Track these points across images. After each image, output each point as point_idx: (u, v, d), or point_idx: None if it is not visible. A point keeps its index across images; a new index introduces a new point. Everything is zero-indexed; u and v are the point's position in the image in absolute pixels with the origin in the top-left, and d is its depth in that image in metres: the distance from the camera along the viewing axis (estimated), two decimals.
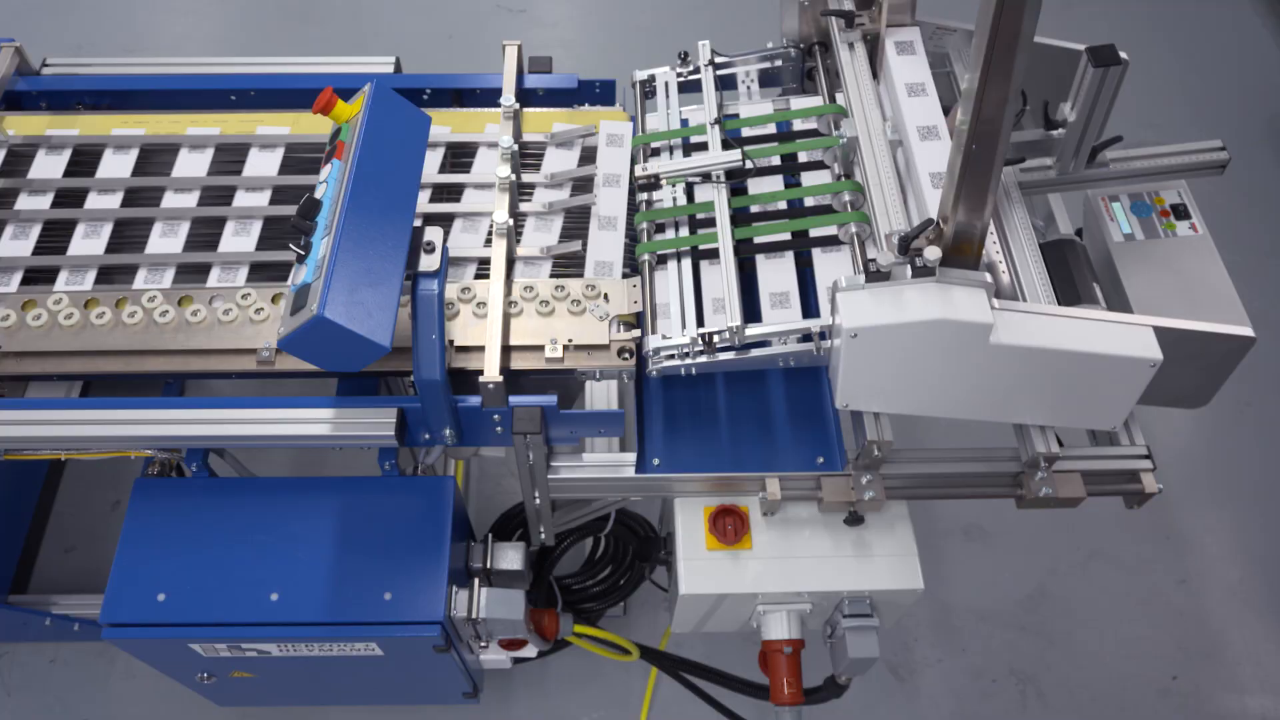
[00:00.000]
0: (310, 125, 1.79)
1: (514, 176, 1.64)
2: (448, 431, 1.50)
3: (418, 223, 1.36)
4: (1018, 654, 2.40)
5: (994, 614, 2.45)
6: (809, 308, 1.58)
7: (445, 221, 1.67)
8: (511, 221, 1.59)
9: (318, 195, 1.29)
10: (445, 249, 1.36)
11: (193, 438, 1.49)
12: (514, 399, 1.47)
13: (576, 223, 1.70)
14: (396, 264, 1.28)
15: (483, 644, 1.66)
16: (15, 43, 1.85)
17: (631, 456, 1.62)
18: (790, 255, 1.58)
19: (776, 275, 1.56)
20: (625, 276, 1.63)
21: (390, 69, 1.92)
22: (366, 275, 1.23)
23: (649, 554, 1.76)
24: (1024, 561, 2.52)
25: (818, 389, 1.67)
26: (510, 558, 1.66)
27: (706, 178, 1.65)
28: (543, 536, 1.77)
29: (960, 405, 1.52)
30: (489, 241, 1.63)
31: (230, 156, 1.76)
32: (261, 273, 1.63)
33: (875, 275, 1.37)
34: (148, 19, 3.64)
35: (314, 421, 1.48)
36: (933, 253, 1.35)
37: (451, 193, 1.74)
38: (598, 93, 1.90)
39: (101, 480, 2.62)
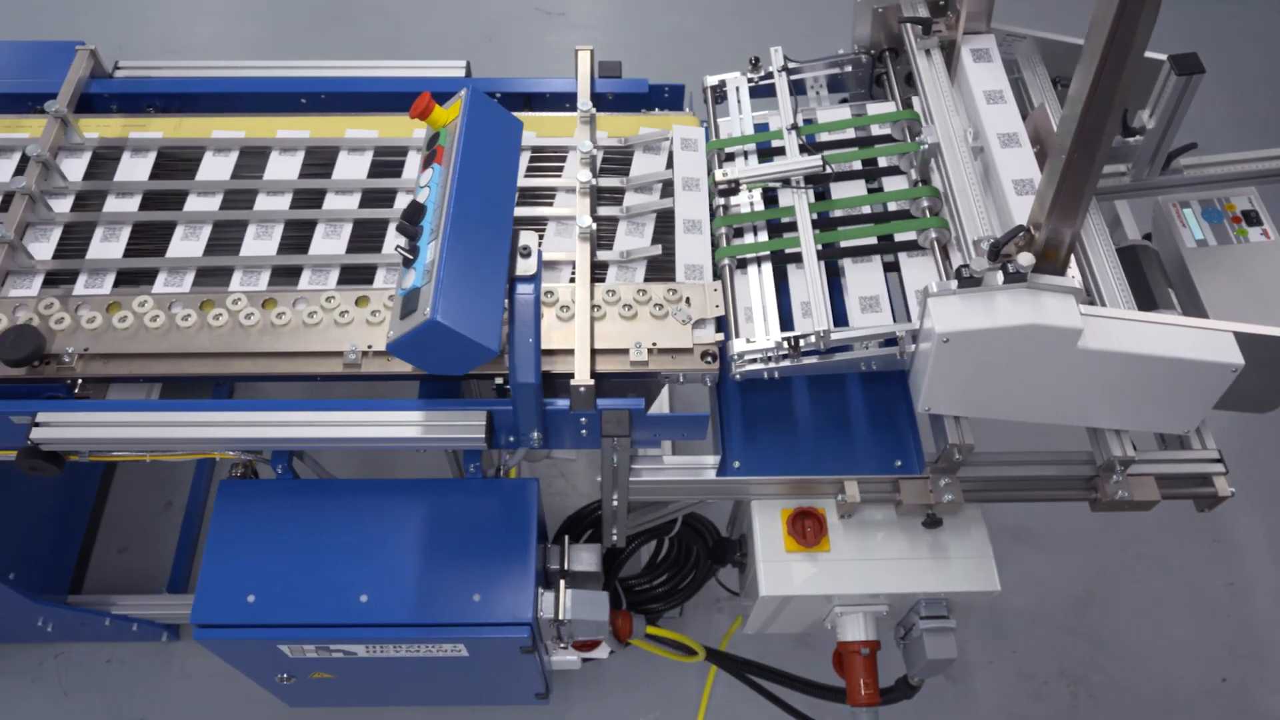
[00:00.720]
0: (391, 129, 1.80)
1: (595, 180, 1.66)
2: (535, 434, 1.51)
3: None
4: (1068, 656, 2.42)
5: (1043, 616, 2.46)
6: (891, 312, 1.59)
7: (529, 226, 1.68)
8: (594, 225, 1.60)
9: (420, 199, 1.30)
10: (540, 253, 1.38)
11: (285, 440, 1.50)
12: (601, 402, 1.48)
13: (660, 227, 1.71)
14: (500, 269, 1.29)
15: (562, 645, 1.67)
16: (90, 45, 1.86)
17: (712, 459, 1.64)
18: (877, 260, 1.60)
19: (865, 279, 1.58)
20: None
21: (461, 73, 1.93)
22: (474, 280, 1.24)
23: (724, 556, 1.77)
24: (1072, 564, 2.53)
25: (891, 393, 1.68)
26: (587, 559, 1.68)
27: (785, 183, 1.66)
28: (614, 538, 1.79)
29: (1041, 409, 1.53)
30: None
31: (317, 159, 1.76)
32: (348, 275, 1.64)
33: (967, 281, 1.38)
34: (181, 21, 3.64)
35: (404, 424, 1.49)
36: (1026, 259, 1.36)
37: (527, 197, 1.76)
38: (666, 97, 1.91)
39: (152, 482, 2.63)
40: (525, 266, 1.35)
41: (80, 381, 1.56)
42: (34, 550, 2.21)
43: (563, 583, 1.56)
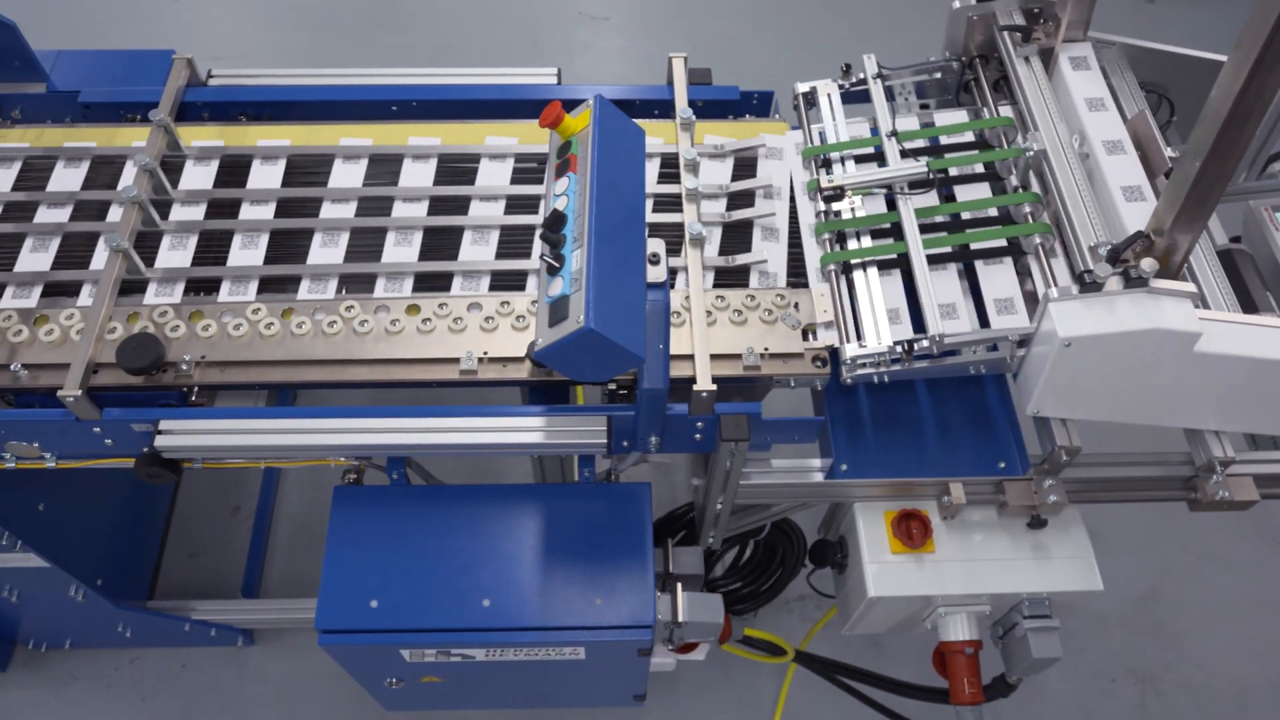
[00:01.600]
0: (463, 136, 1.82)
1: (699, 186, 1.67)
2: (654, 439, 1.53)
3: None
4: (1136, 654, 2.44)
5: (1109, 614, 2.49)
6: (985, 316, 1.60)
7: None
8: (705, 231, 1.62)
9: (559, 207, 1.32)
10: (668, 260, 1.39)
11: (411, 446, 1.51)
12: (719, 406, 1.50)
13: (738, 233, 1.73)
14: (638, 276, 1.31)
15: (670, 646, 1.69)
16: (187, 55, 1.87)
17: (818, 462, 1.66)
18: (1009, 261, 1.61)
19: (947, 286, 1.59)
20: (792, 286, 1.66)
21: (553, 80, 1.95)
22: (619, 287, 1.26)
23: (824, 558, 1.79)
24: (1135, 563, 2.56)
25: (987, 395, 1.70)
26: (691, 561, 1.69)
27: (888, 188, 1.68)
28: (711, 541, 1.81)
29: (1149, 411, 1.56)
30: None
31: (447, 166, 1.78)
32: (425, 283, 1.65)
33: (1089, 286, 1.40)
34: (233, 28, 3.66)
35: (526, 430, 1.51)
36: (1149, 264, 1.38)
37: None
38: (755, 104, 1.93)
39: (219, 487, 2.64)
40: (655, 274, 1.36)
41: (196, 389, 1.57)
42: (116, 557, 2.22)
43: (679, 585, 1.58)
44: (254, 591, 2.47)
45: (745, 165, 1.81)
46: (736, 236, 1.72)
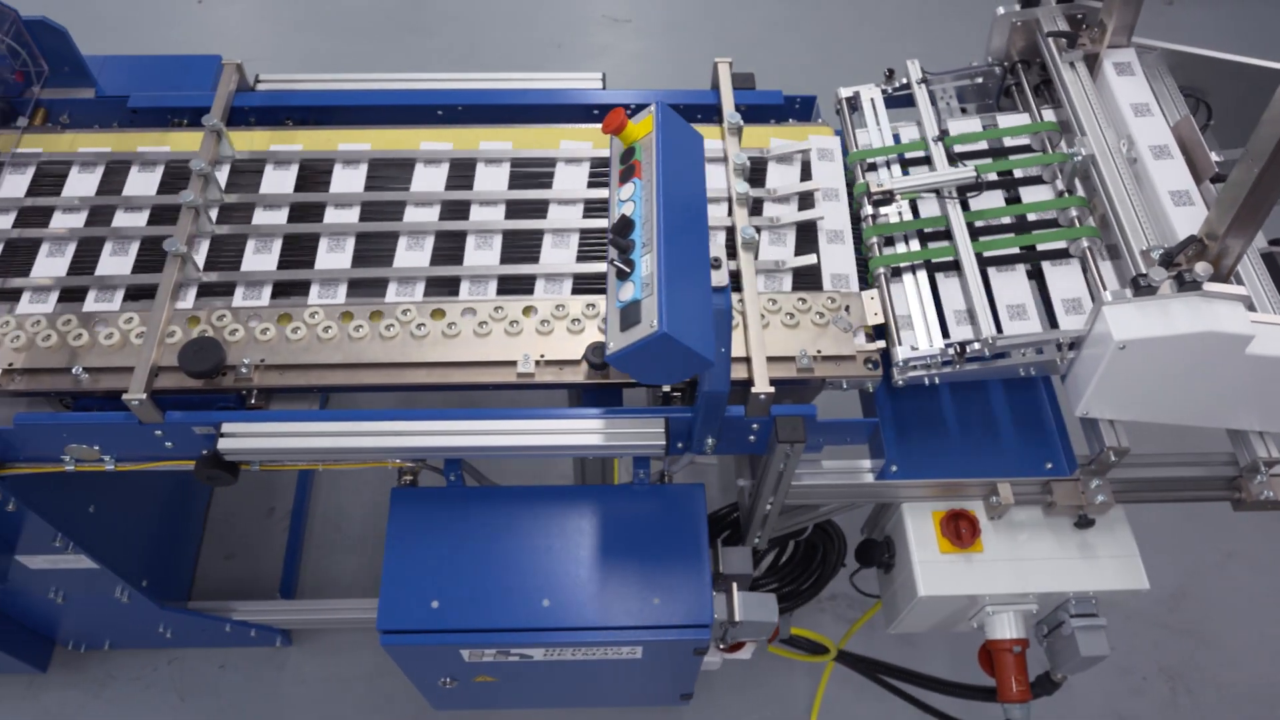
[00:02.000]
0: (531, 140, 1.83)
1: (749, 190, 1.69)
2: (710, 441, 1.54)
3: None
4: (1165, 652, 2.47)
5: (1138, 612, 2.51)
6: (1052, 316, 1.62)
7: None
8: (757, 234, 1.64)
9: (626, 213, 1.34)
10: (728, 265, 1.41)
11: (470, 448, 1.53)
12: (774, 408, 1.52)
13: (801, 236, 1.75)
14: (705, 281, 1.32)
15: (721, 646, 1.71)
16: (237, 60, 1.88)
17: (868, 463, 1.68)
18: (1021, 268, 1.63)
19: (1014, 288, 1.61)
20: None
21: (599, 85, 1.96)
22: (688, 292, 1.28)
23: (870, 558, 1.81)
24: (1163, 561, 2.58)
25: (1034, 397, 1.73)
26: (741, 561, 1.70)
27: (936, 192, 1.70)
28: (758, 541, 1.83)
29: (1197, 412, 1.58)
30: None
31: (459, 172, 1.80)
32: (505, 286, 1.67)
33: (1143, 289, 1.42)
34: (257, 31, 3.67)
35: (586, 432, 1.53)
36: (1204, 269, 1.40)
37: None
38: (797, 108, 1.95)
39: (254, 489, 2.65)
40: (717, 278, 1.38)
41: (255, 392, 1.59)
42: (159, 558, 2.23)
43: (735, 585, 1.60)
44: (291, 592, 2.48)
45: (802, 169, 1.82)
46: (800, 239, 1.73)
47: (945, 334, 1.59)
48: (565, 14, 3.67)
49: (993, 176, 1.73)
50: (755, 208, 1.76)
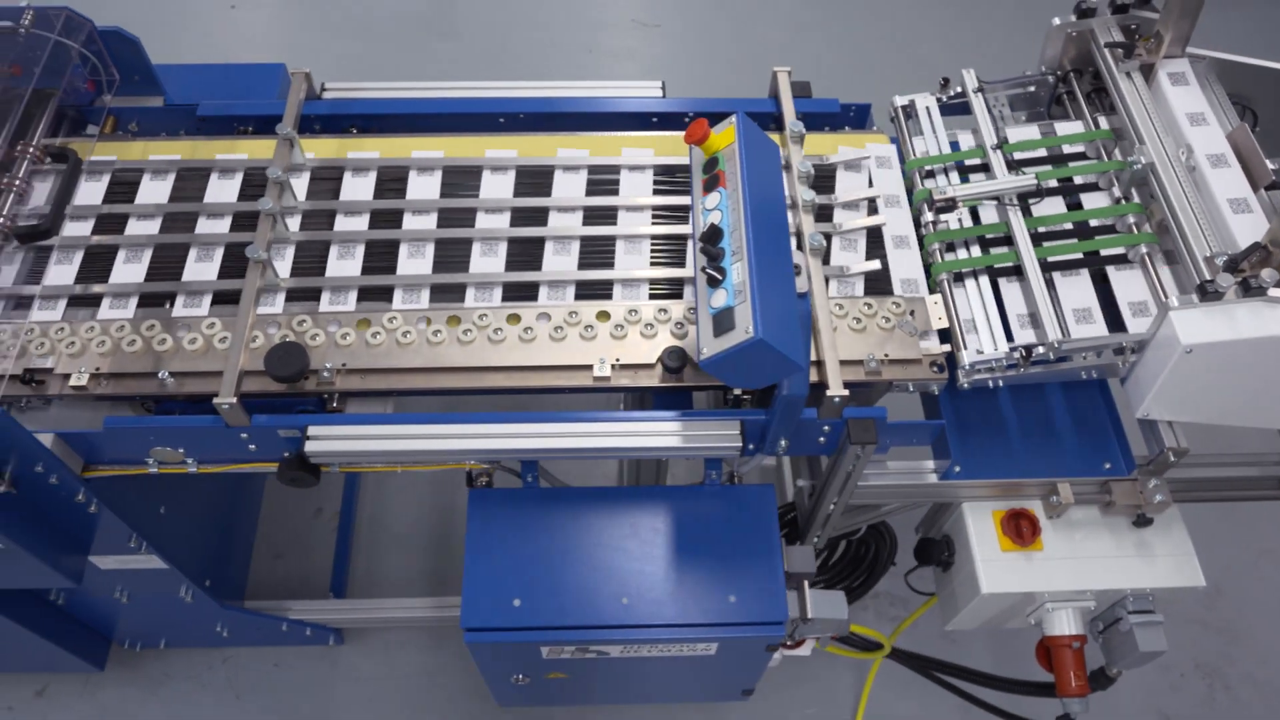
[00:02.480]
0: (604, 147, 1.87)
1: (815, 197, 1.73)
2: (783, 443, 1.58)
3: None
4: (1202, 649, 2.51)
5: (1175, 610, 2.56)
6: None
7: None
8: (825, 241, 1.68)
9: (714, 222, 1.38)
10: (809, 271, 1.45)
11: (553, 450, 1.56)
12: (846, 410, 1.56)
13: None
14: (791, 287, 1.36)
15: (787, 642, 1.74)
16: (305, 69, 1.91)
17: (930, 463, 1.72)
18: (1085, 273, 1.67)
19: (1078, 292, 1.65)
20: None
21: (659, 93, 2.00)
22: (777, 298, 1.32)
23: (929, 556, 1.85)
24: (1199, 559, 2.62)
25: (1089, 398, 1.77)
26: (804, 559, 1.73)
27: (995, 199, 1.74)
28: (816, 540, 1.87)
29: (1257, 414, 1.62)
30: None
31: (532, 179, 1.83)
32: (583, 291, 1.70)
33: (1210, 295, 1.47)
34: (287, 35, 3.70)
35: (665, 434, 1.56)
36: (1271, 275, 1.45)
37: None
38: (851, 116, 1.99)
39: (300, 490, 2.68)
40: (800, 284, 1.42)
41: (336, 396, 1.62)
42: (220, 559, 2.27)
43: (806, 582, 1.64)
44: (342, 591, 2.52)
45: (857, 176, 1.87)
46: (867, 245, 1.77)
47: (1009, 337, 1.64)
48: (593, 18, 3.71)
49: (1051, 183, 1.78)
50: (820, 214, 1.80)
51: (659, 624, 1.55)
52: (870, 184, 1.84)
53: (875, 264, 1.73)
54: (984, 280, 1.69)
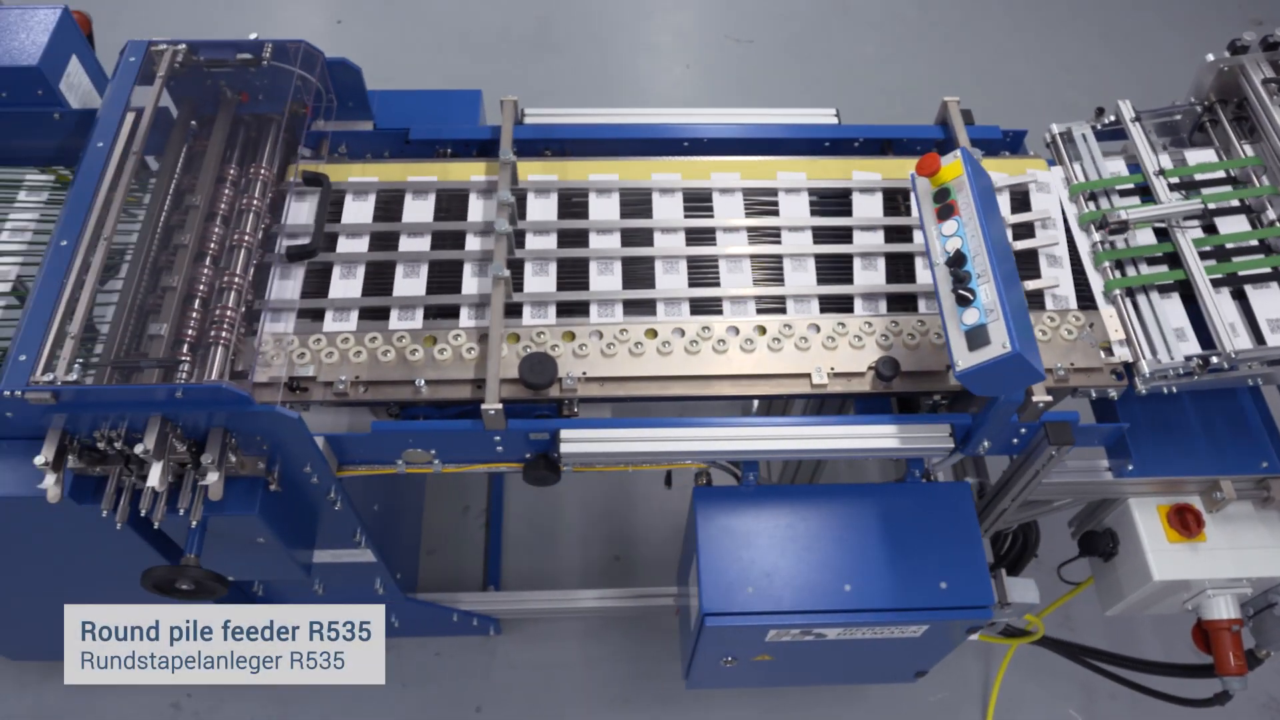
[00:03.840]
0: (756, 172, 2.02)
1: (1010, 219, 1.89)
2: (985, 444, 1.74)
3: None
4: None
5: None
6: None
7: None
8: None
9: (956, 247, 1.53)
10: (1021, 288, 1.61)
11: (784, 451, 1.73)
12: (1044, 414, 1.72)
13: (1025, 262, 1.95)
14: (1024, 303, 1.52)
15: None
16: (512, 97, 2.05)
17: (1104, 462, 1.88)
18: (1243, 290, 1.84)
19: (1275, 303, 1.82)
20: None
21: (833, 119, 2.15)
22: (1021, 316, 1.48)
23: (1094, 548, 2.01)
24: None
25: (1244, 403, 1.93)
26: (1024, 590, 1.89)
27: (1163, 222, 1.91)
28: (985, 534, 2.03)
29: None
30: None
31: (697, 198, 2.00)
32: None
33: None
34: (396, 53, 3.81)
35: (885, 436, 1.72)
36: None
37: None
38: (1007, 141, 2.15)
39: (449, 489, 2.83)
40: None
41: (575, 402, 1.77)
42: (403, 553, 2.40)
43: (1004, 570, 1.80)
44: (498, 584, 2.66)
45: (1018, 198, 2.03)
46: (1023, 265, 1.93)
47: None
48: (688, 34, 3.86)
49: (1211, 205, 1.95)
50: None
51: (879, 608, 1.71)
52: (1026, 207, 2.00)
53: (1054, 281, 1.89)
54: (1154, 295, 1.86)
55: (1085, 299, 1.88)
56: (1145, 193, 1.98)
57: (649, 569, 2.75)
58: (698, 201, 2.00)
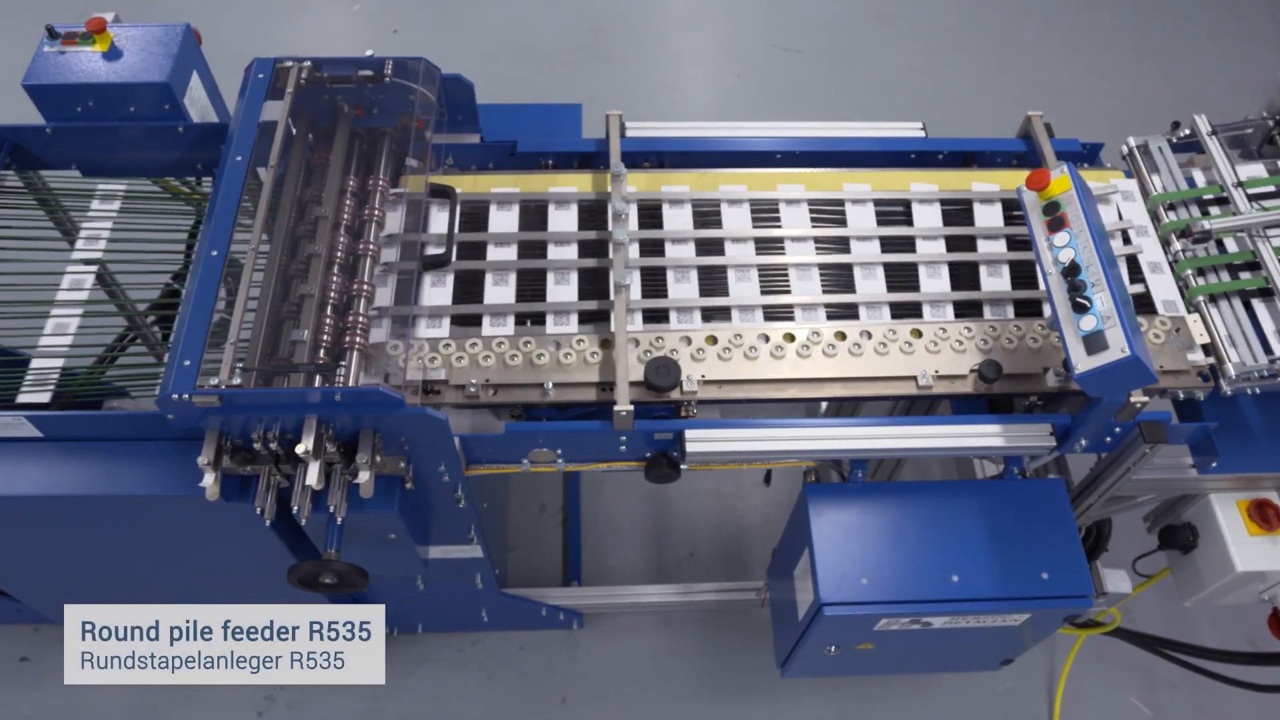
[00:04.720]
0: (822, 183, 2.12)
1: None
2: (1083, 442, 1.84)
3: None
4: None
5: None
6: None
7: None
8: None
9: (1070, 257, 1.63)
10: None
11: (894, 450, 1.83)
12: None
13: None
14: (1132, 310, 1.62)
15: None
16: (617, 111, 2.14)
17: (1188, 459, 1.99)
18: None
19: None
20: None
21: (920, 133, 2.25)
22: (1133, 321, 1.57)
23: (1175, 540, 2.11)
24: None
25: None
26: (1118, 580, 2.00)
27: (1245, 231, 2.01)
28: None
29: None
30: None
31: (825, 210, 2.08)
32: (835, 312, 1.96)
33: None
34: (452, 61, 3.87)
35: (990, 435, 1.82)
36: None
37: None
38: (1085, 153, 2.25)
39: (526, 489, 2.91)
40: None
41: (694, 403, 1.86)
42: (497, 549, 2.49)
43: (1098, 562, 1.90)
44: (579, 579, 2.75)
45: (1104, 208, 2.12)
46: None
47: (1267, 350, 1.90)
48: (734, 43, 3.95)
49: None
50: None
51: (987, 598, 1.80)
52: (1120, 216, 2.10)
53: (1140, 287, 1.99)
54: (1236, 301, 1.96)
55: (1146, 305, 1.97)
56: (1217, 204, 2.09)
57: (721, 565, 2.84)
58: (765, 211, 2.09)
